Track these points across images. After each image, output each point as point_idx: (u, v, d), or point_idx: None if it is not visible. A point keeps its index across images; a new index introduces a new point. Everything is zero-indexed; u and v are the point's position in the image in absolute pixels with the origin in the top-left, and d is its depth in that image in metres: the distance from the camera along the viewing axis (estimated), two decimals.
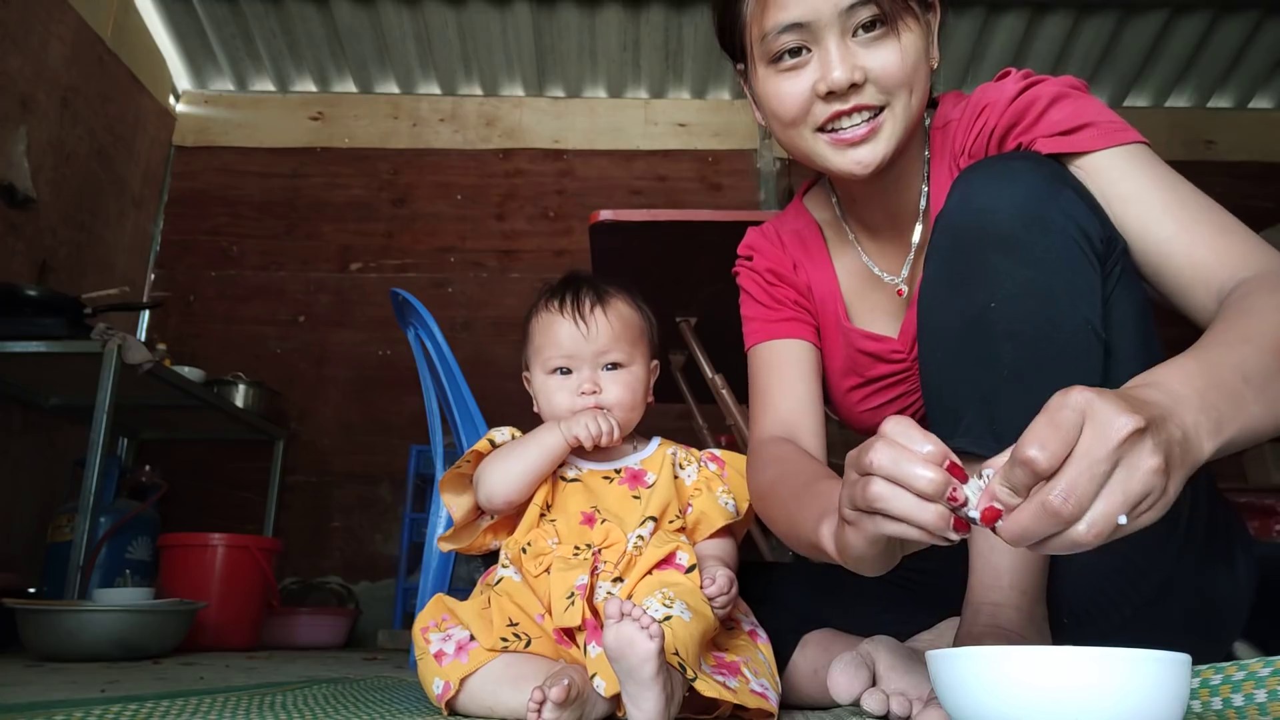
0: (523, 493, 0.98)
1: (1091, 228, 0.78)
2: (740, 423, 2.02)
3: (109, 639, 1.79)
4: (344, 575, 3.36)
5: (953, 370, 0.81)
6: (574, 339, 1.03)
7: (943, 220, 0.83)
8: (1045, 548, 0.53)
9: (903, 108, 0.89)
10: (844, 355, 1.08)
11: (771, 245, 1.12)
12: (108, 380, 2.30)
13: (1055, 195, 0.78)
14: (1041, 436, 0.52)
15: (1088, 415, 0.52)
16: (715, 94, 3.96)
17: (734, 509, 1.02)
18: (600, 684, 0.79)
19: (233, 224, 3.73)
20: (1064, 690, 0.51)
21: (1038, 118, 0.87)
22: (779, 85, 0.90)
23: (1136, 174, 0.83)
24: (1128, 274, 0.81)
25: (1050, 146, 0.85)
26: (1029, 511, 0.52)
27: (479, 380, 1.88)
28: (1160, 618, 0.84)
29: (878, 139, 0.89)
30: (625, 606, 0.71)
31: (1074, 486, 0.51)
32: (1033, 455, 0.51)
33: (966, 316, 0.79)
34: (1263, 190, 3.80)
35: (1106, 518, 0.51)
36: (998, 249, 0.77)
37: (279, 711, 0.87)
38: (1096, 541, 0.51)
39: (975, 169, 0.82)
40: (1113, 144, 0.84)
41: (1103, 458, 0.51)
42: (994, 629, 0.77)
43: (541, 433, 0.99)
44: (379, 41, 3.70)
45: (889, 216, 1.03)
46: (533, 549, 0.93)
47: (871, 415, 1.09)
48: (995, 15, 3.64)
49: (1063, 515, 0.51)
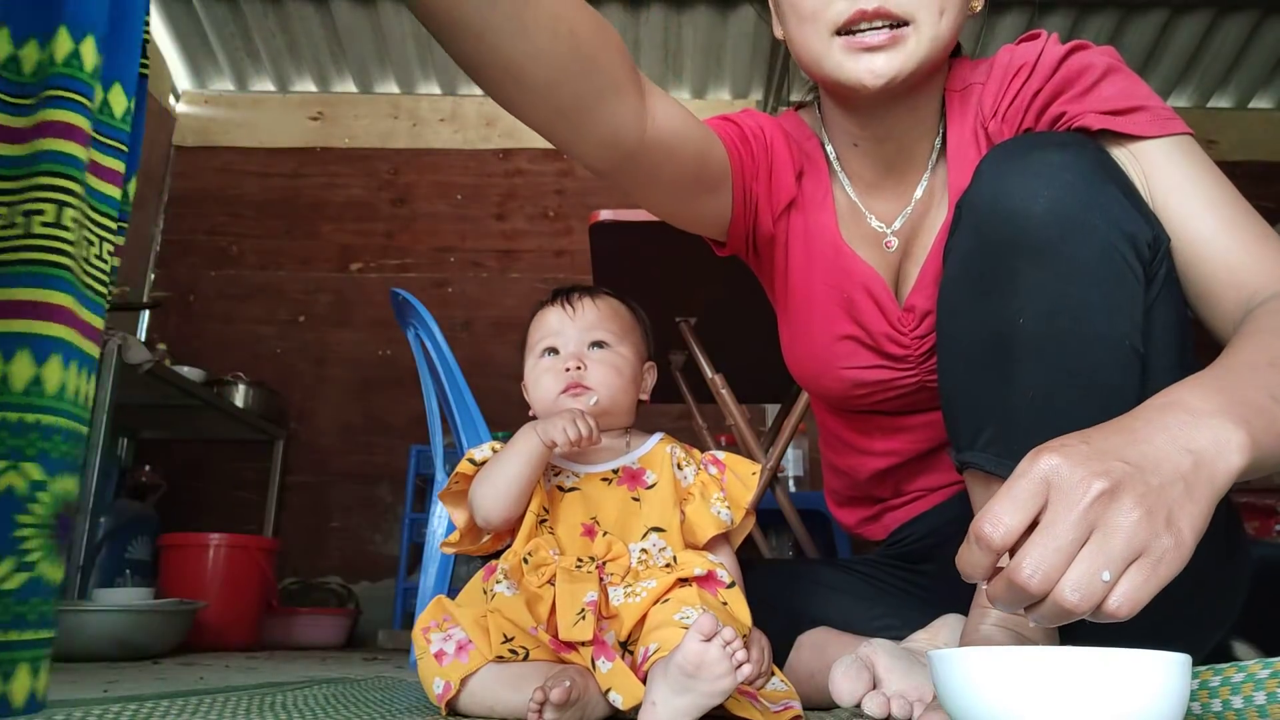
0: (516, 506, 0.96)
1: (1137, 230, 0.71)
2: (740, 423, 2.02)
3: (109, 639, 1.79)
4: (344, 575, 3.36)
5: (974, 383, 0.76)
6: (560, 319, 1.04)
7: (968, 213, 0.76)
8: (1038, 615, 0.51)
9: (930, 27, 0.81)
10: (839, 293, 0.97)
11: (782, 138, 0.98)
12: (108, 380, 2.31)
13: (1097, 196, 0.71)
14: (997, 510, 0.51)
15: (1051, 484, 0.51)
16: (715, 94, 3.96)
17: (728, 518, 0.98)
18: (617, 699, 0.79)
19: (232, 224, 3.73)
20: (1065, 691, 0.51)
21: (1089, 88, 0.81)
22: None
23: (1185, 166, 0.78)
24: (1170, 275, 0.75)
25: (1100, 124, 0.79)
26: (1001, 584, 0.51)
27: (479, 380, 1.89)
28: (1158, 618, 0.83)
29: (896, 51, 0.81)
30: (725, 632, 0.71)
31: (1039, 562, 0.50)
32: (986, 532, 0.51)
33: (991, 328, 0.74)
34: (1263, 190, 3.79)
35: (1088, 578, 0.49)
36: (1031, 259, 0.71)
37: (279, 711, 0.87)
38: (1089, 606, 0.50)
39: (1008, 157, 0.75)
40: (1165, 133, 0.79)
41: (1069, 527, 0.50)
42: (1000, 629, 0.77)
43: (519, 440, 0.95)
44: (379, 41, 3.70)
45: (886, 166, 0.95)
46: (534, 559, 0.92)
47: (857, 374, 0.98)
48: (995, 15, 3.64)
49: (1031, 590, 0.50)
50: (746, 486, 1.01)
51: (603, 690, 0.80)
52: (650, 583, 0.88)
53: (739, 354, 1.95)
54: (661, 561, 0.93)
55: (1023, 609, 0.52)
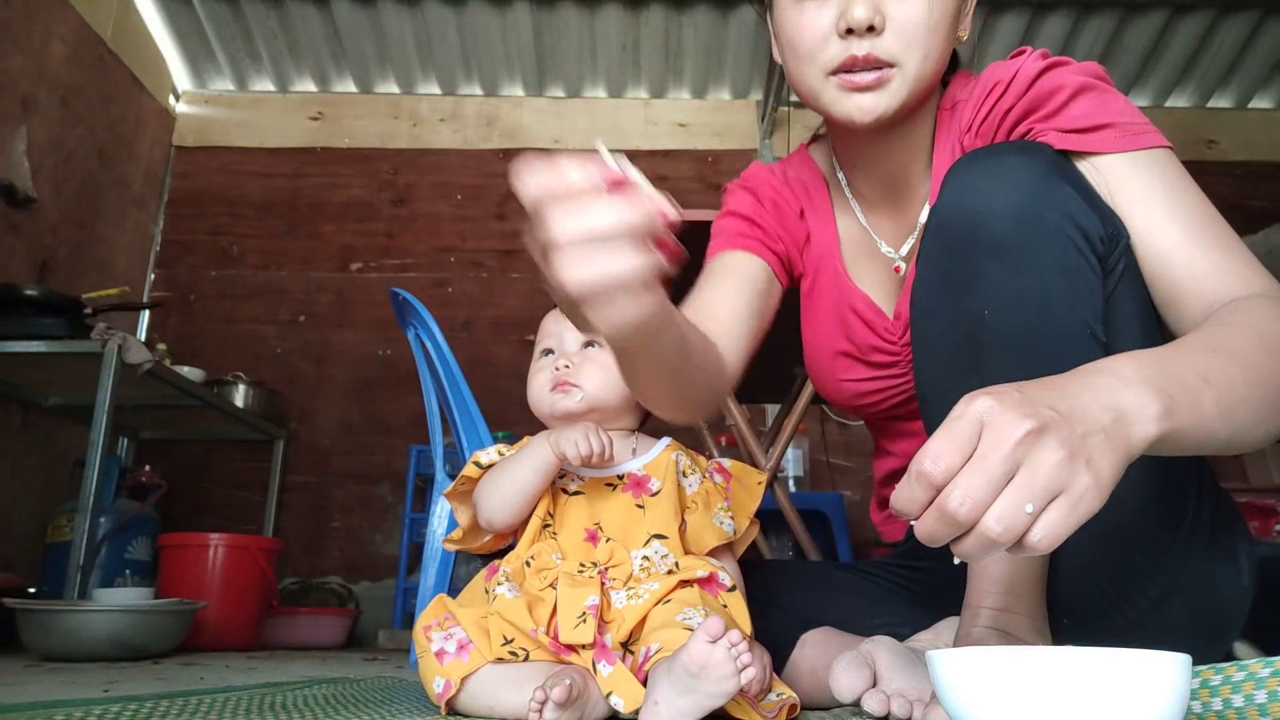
0: (522, 514, 0.97)
1: (1090, 224, 0.75)
2: (740, 423, 2.02)
3: (109, 639, 1.78)
4: (344, 575, 3.36)
5: (947, 379, 0.80)
6: (557, 321, 1.05)
7: (934, 218, 0.80)
8: (962, 549, 0.53)
9: (913, 68, 0.87)
10: (836, 313, 1.05)
11: (781, 184, 1.10)
12: (108, 380, 2.30)
13: (1051, 193, 0.75)
14: (937, 448, 0.53)
15: (985, 422, 0.53)
16: (715, 94, 3.96)
17: (731, 529, 0.99)
18: (618, 702, 0.79)
19: (233, 224, 3.73)
20: (1065, 691, 0.51)
21: (1058, 109, 0.84)
22: (800, 15, 0.89)
23: (1148, 177, 0.81)
24: (1131, 270, 0.79)
25: (1062, 143, 0.82)
26: (931, 515, 0.53)
27: (479, 380, 1.88)
28: (1163, 618, 0.84)
29: (883, 91, 0.88)
30: (731, 635, 0.71)
31: (969, 490, 0.51)
32: (927, 468, 0.52)
33: (960, 325, 0.78)
34: (1263, 190, 3.80)
35: (1013, 509, 0.51)
36: (991, 255, 0.75)
37: (279, 711, 0.87)
38: (1010, 538, 0.51)
39: (968, 163, 0.80)
40: (1129, 148, 0.81)
41: (998, 460, 0.51)
42: (992, 631, 0.77)
43: (532, 447, 0.96)
44: (379, 41, 3.70)
45: (886, 189, 1.01)
46: (536, 563, 0.92)
47: (854, 386, 1.07)
48: (995, 15, 3.64)
49: (959, 518, 0.51)
50: (752, 496, 1.01)
51: (605, 694, 0.80)
52: (653, 585, 0.89)
53: None
54: (664, 569, 0.93)
55: (950, 545, 0.54)
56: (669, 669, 0.74)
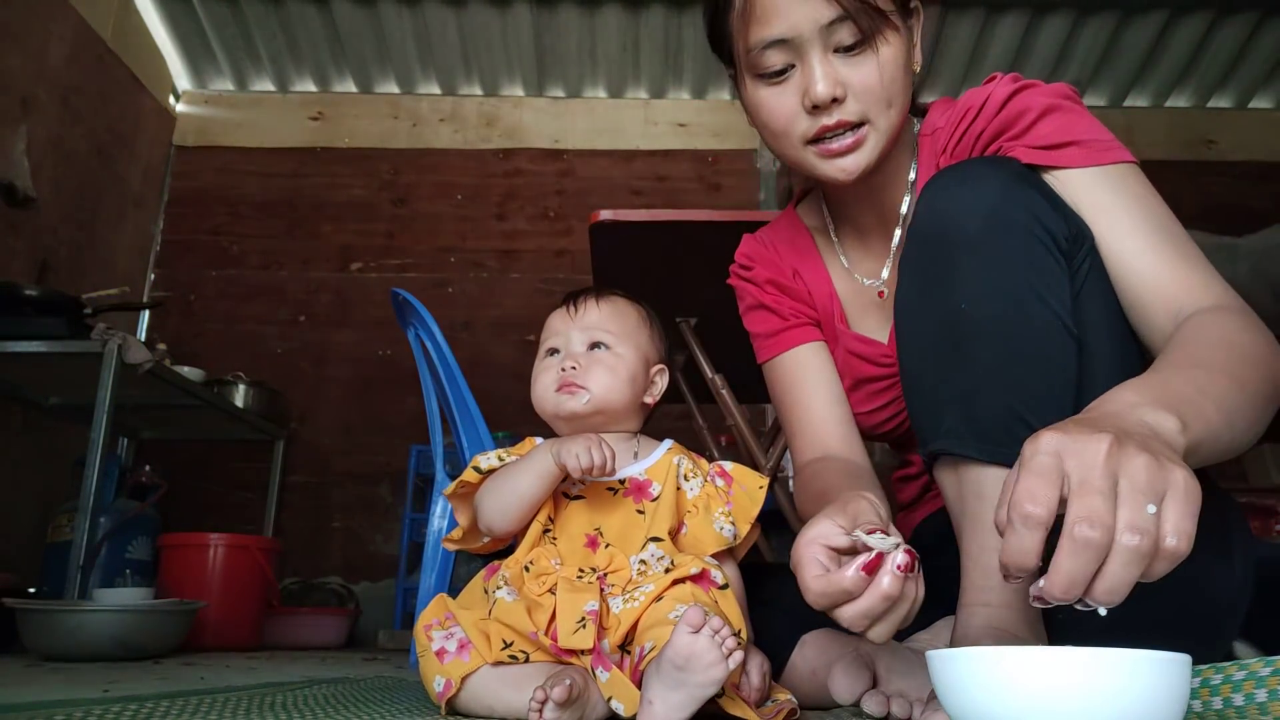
0: (522, 521, 0.96)
1: (1055, 225, 0.79)
2: (740, 423, 2.02)
3: (109, 639, 1.78)
4: (344, 575, 3.36)
5: (930, 374, 0.82)
6: (563, 321, 1.04)
7: (912, 228, 0.85)
8: (1108, 584, 0.52)
9: (884, 121, 0.92)
10: (840, 358, 1.10)
11: (769, 253, 1.15)
12: (108, 380, 2.30)
13: (1018, 195, 0.79)
14: (1028, 488, 0.53)
15: (1062, 452, 0.53)
16: (715, 94, 3.96)
17: (731, 534, 0.98)
18: (619, 706, 0.78)
19: (233, 224, 3.73)
20: (1065, 691, 0.51)
21: (1026, 128, 0.88)
22: (766, 97, 0.94)
23: (1112, 190, 0.85)
24: (1097, 270, 0.83)
25: (1030, 158, 0.87)
26: (1064, 555, 0.52)
27: (479, 380, 1.88)
28: (1160, 617, 0.84)
29: (861, 150, 0.92)
30: (713, 622, 0.71)
31: (1090, 512, 0.51)
32: (1029, 511, 0.52)
33: (939, 320, 0.80)
34: (1262, 190, 3.80)
35: (1138, 513, 0.51)
36: (963, 251, 0.79)
37: (279, 711, 0.87)
38: (1150, 543, 0.51)
39: (940, 175, 0.84)
40: (1094, 164, 0.86)
41: (1100, 476, 0.52)
42: (989, 629, 0.77)
43: (534, 457, 0.95)
44: (379, 41, 3.70)
45: (877, 220, 1.05)
46: (535, 568, 0.92)
47: (866, 419, 1.11)
48: (995, 15, 3.64)
49: (1095, 542, 0.51)
50: (754, 501, 1.01)
51: (605, 698, 0.80)
52: (648, 586, 0.88)
53: (739, 354, 1.94)
54: (660, 570, 0.93)
55: (1091, 592, 0.53)
56: (658, 666, 0.74)
